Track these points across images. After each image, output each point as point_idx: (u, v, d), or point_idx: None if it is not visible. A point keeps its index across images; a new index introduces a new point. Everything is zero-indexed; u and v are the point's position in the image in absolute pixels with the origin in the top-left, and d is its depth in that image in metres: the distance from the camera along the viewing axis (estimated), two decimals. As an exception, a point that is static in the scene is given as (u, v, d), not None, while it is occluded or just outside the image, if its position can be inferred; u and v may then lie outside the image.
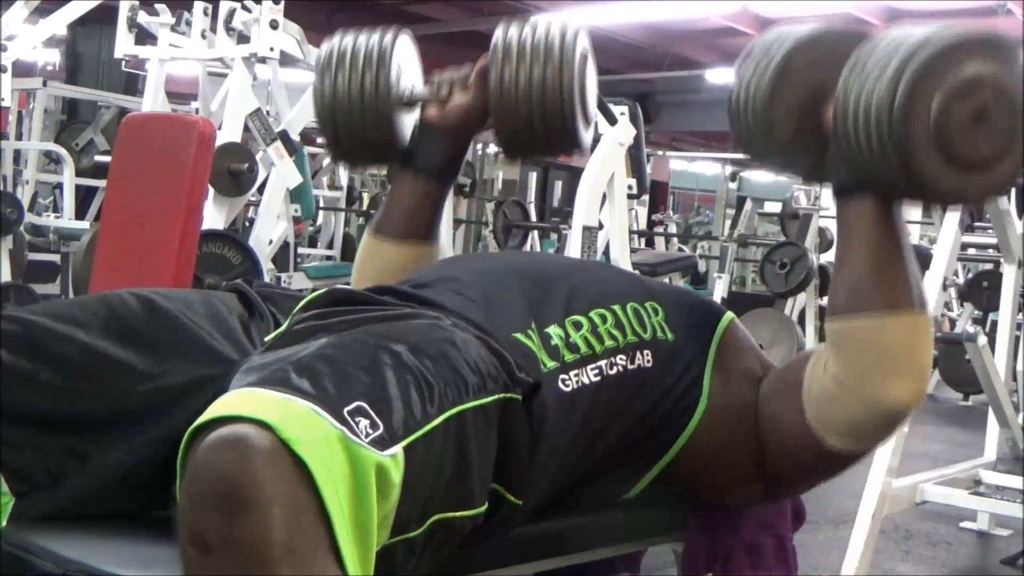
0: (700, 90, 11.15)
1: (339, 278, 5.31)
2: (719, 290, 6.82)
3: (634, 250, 5.22)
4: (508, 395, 1.05)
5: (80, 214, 6.19)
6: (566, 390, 1.15)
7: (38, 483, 1.06)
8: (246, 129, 3.84)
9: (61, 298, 4.68)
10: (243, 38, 3.90)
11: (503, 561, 1.18)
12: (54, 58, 10.11)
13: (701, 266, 10.08)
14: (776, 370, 1.34)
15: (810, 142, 1.23)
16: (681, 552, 1.38)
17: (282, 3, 3.81)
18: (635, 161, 4.19)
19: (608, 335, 1.21)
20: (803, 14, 9.99)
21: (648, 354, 1.24)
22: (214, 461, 0.81)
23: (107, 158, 4.01)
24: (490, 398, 1.02)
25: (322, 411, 0.86)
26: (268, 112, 4.22)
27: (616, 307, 1.25)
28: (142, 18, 4.22)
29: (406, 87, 1.46)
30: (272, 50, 3.81)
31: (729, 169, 13.26)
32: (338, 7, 9.07)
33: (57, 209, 6.88)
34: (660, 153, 13.49)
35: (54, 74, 9.49)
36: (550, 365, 1.15)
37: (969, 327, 3.51)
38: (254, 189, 3.87)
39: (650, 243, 8.76)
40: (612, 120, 3.85)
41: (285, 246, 4.85)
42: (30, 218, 5.57)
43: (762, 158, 1.31)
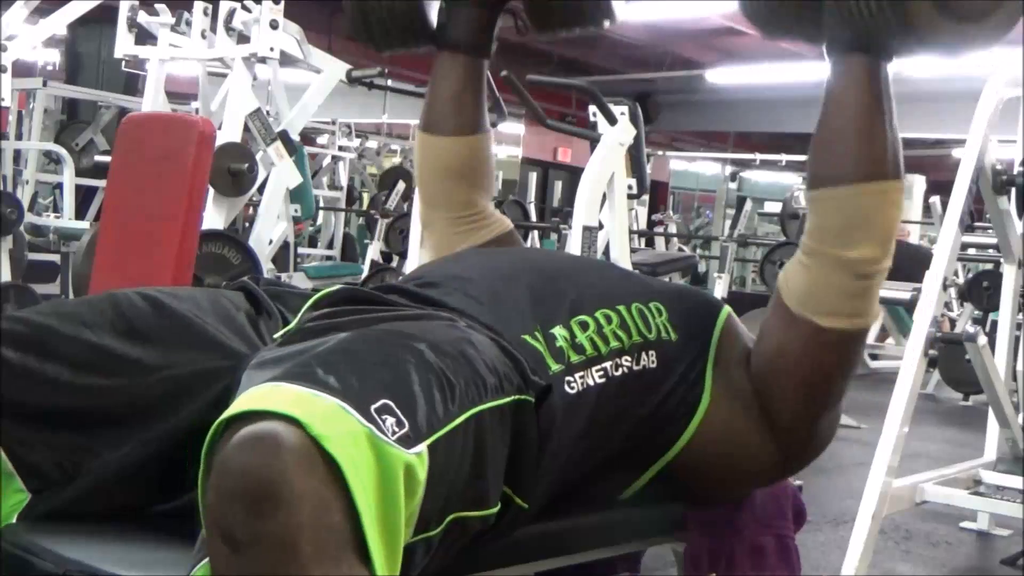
0: (700, 90, 11.15)
1: (339, 278, 5.32)
2: (719, 290, 6.81)
3: (634, 250, 5.21)
4: (522, 397, 1.05)
5: (80, 214, 6.19)
6: (571, 392, 1.15)
7: (52, 479, 1.07)
8: (246, 129, 3.85)
9: (64, 298, 4.69)
10: (243, 38, 3.91)
11: (503, 561, 1.18)
12: (54, 58, 10.12)
13: (701, 266, 10.09)
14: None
15: (807, 2, 1.22)
16: (683, 554, 1.38)
17: (282, 3, 3.82)
18: (635, 161, 4.19)
19: (613, 336, 1.21)
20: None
21: (653, 355, 1.24)
22: (244, 457, 0.80)
23: (107, 158, 4.01)
24: (507, 399, 1.02)
25: (350, 408, 0.85)
26: (268, 112, 4.23)
27: (621, 307, 1.24)
28: (142, 18, 4.23)
29: None
30: (272, 50, 3.81)
31: (729, 169, 13.27)
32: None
33: (57, 209, 6.88)
34: (660, 153, 13.50)
35: (54, 74, 9.50)
36: (555, 368, 1.14)
37: (969, 327, 3.50)
38: (254, 189, 3.87)
39: (650, 243, 8.77)
40: (612, 120, 3.85)
41: (285, 246, 4.86)
42: (30, 218, 5.58)
43: (760, 20, 1.30)
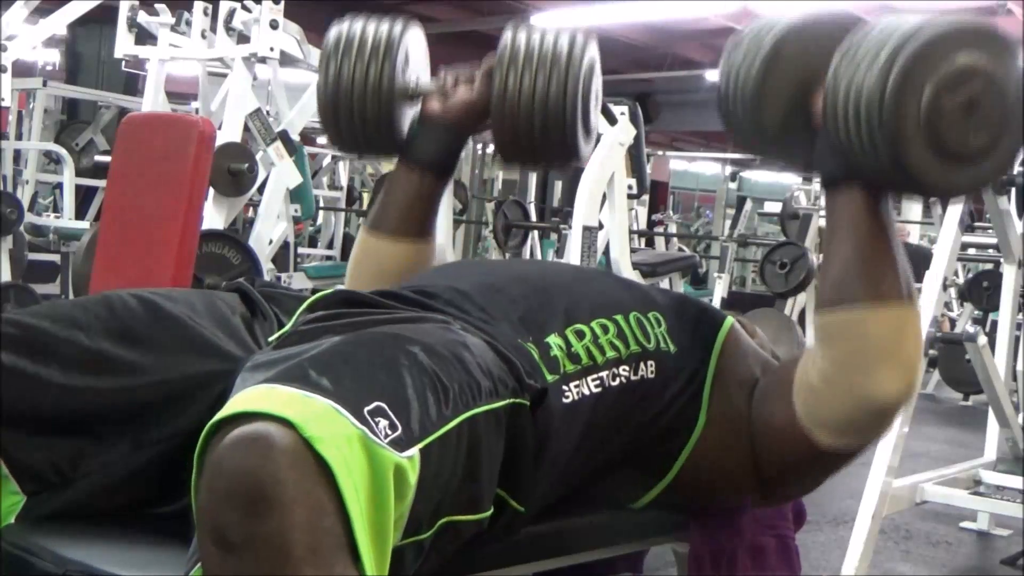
0: (700, 90, 11.14)
1: (339, 278, 5.30)
2: (719, 290, 6.81)
3: (634, 250, 5.21)
4: (517, 400, 1.05)
5: (80, 214, 6.19)
6: (566, 402, 1.14)
7: (48, 482, 1.06)
8: (246, 129, 3.84)
9: (62, 299, 4.69)
10: (243, 38, 3.90)
11: (503, 561, 1.18)
12: (54, 58, 10.12)
13: (701, 266, 10.08)
14: (772, 370, 1.32)
15: (799, 132, 1.21)
16: (686, 555, 1.37)
17: (282, 3, 3.81)
18: (635, 161, 4.19)
19: (610, 345, 1.20)
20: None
21: (652, 364, 1.23)
22: (237, 458, 0.80)
23: (107, 158, 4.00)
24: (501, 403, 1.02)
25: (343, 410, 0.85)
26: (268, 112, 4.22)
27: (618, 317, 1.23)
28: (142, 18, 4.22)
29: (411, 78, 1.45)
30: (272, 50, 3.80)
31: (729, 169, 13.28)
32: (338, 7, 9.05)
33: (57, 209, 6.88)
34: (660, 153, 13.50)
35: (54, 74, 9.50)
36: (550, 379, 1.13)
37: (969, 327, 3.50)
38: (254, 189, 3.87)
39: (650, 243, 8.76)
40: (612, 120, 3.85)
41: (285, 246, 4.85)
42: (30, 218, 5.57)
43: (751, 147, 1.29)
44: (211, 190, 3.48)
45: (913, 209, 9.24)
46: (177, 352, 1.10)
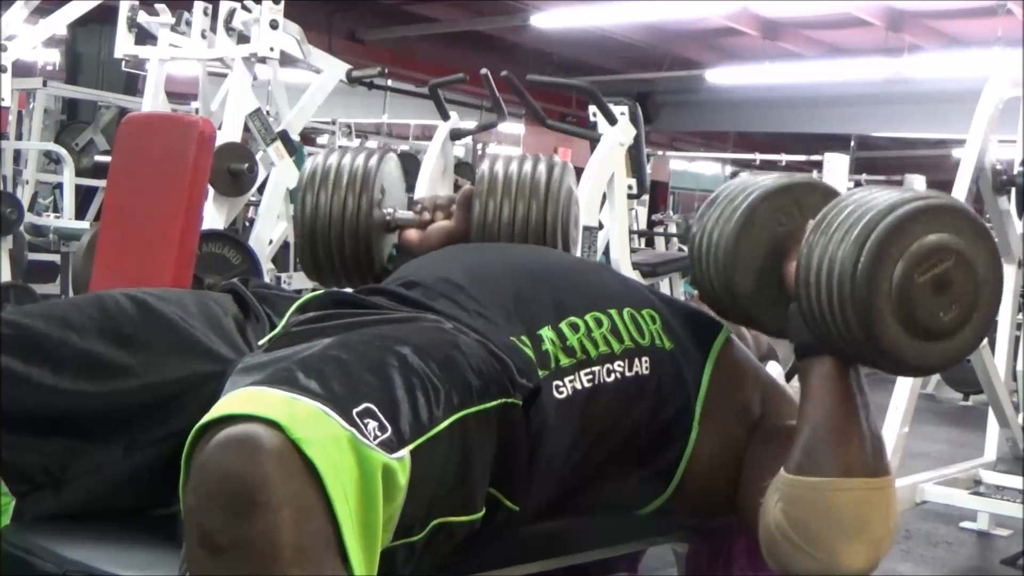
0: (700, 90, 11.16)
1: (339, 278, 5.29)
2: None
3: (634, 250, 5.21)
4: (509, 400, 1.04)
5: (80, 214, 6.19)
6: (559, 397, 1.13)
7: (38, 483, 1.06)
8: (246, 129, 3.85)
9: (62, 298, 4.68)
10: (243, 38, 3.91)
11: (503, 561, 1.18)
12: (54, 58, 10.12)
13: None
14: (769, 439, 1.26)
15: (772, 297, 1.23)
16: (686, 555, 1.37)
17: (282, 3, 3.82)
18: (635, 161, 4.19)
19: (603, 340, 1.19)
20: (803, 15, 10.00)
21: (647, 361, 1.22)
22: (224, 460, 0.81)
23: (107, 158, 4.01)
24: (493, 403, 1.02)
25: (331, 412, 0.85)
26: (268, 112, 4.23)
27: (612, 311, 1.22)
28: (142, 18, 4.22)
29: (388, 210, 1.50)
30: (272, 50, 3.81)
31: (729, 169, 13.28)
32: (338, 7, 9.07)
33: (57, 209, 6.88)
34: (660, 153, 13.49)
35: (54, 74, 9.50)
36: (542, 374, 1.12)
37: (969, 327, 3.50)
38: (254, 189, 3.87)
39: (650, 243, 8.76)
40: (612, 120, 3.85)
41: (285, 246, 4.85)
42: (30, 218, 5.57)
43: (722, 309, 1.31)
44: (211, 190, 3.48)
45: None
46: (169, 354, 1.10)
